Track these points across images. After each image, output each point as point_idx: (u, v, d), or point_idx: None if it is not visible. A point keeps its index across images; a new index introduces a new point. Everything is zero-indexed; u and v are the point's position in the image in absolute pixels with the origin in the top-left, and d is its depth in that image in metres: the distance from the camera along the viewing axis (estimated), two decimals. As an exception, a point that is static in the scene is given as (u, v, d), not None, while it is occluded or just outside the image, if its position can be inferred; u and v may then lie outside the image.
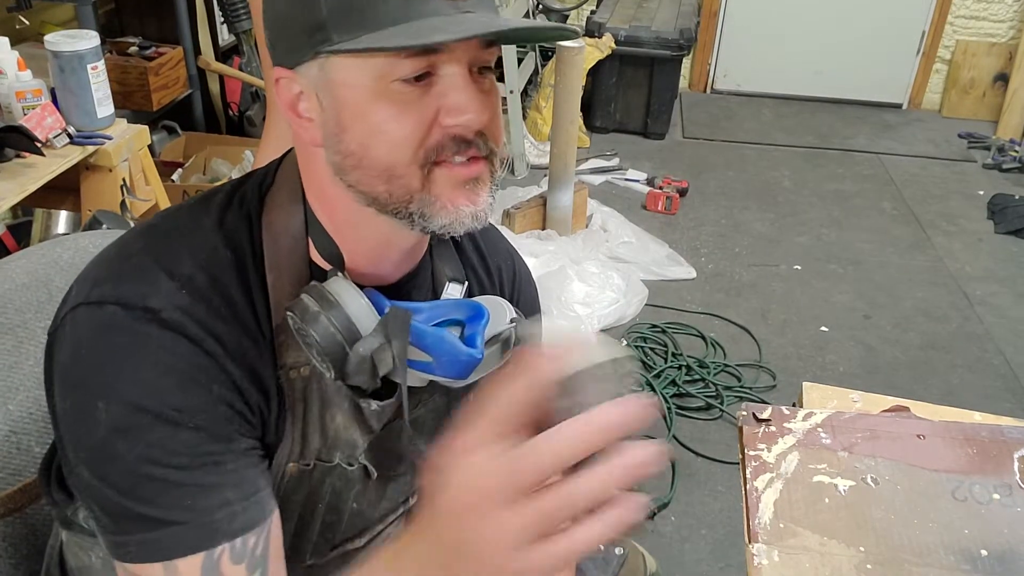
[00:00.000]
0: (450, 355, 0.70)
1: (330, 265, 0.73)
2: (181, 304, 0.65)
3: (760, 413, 0.95)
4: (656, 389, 2.33)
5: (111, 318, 0.65)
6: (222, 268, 0.69)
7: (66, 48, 1.88)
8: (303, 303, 0.68)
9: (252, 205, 0.73)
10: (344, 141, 0.66)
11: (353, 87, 0.64)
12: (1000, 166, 3.93)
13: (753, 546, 0.80)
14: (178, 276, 0.67)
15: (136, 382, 0.63)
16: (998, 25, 4.40)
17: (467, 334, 0.73)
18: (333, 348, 0.67)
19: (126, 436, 0.63)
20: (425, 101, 0.64)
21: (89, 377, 0.64)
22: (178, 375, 0.64)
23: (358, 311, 0.68)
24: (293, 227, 0.72)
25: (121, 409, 0.63)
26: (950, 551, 0.80)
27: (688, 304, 2.78)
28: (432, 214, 0.67)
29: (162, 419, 0.63)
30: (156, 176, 2.18)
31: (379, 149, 0.65)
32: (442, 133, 0.65)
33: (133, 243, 0.71)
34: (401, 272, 0.78)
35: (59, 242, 0.94)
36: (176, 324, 0.65)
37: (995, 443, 0.91)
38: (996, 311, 2.85)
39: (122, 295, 0.65)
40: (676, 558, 1.84)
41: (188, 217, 0.73)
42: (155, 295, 0.65)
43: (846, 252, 3.17)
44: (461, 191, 0.67)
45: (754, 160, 3.93)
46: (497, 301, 0.78)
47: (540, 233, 2.98)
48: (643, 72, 3.92)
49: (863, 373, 2.50)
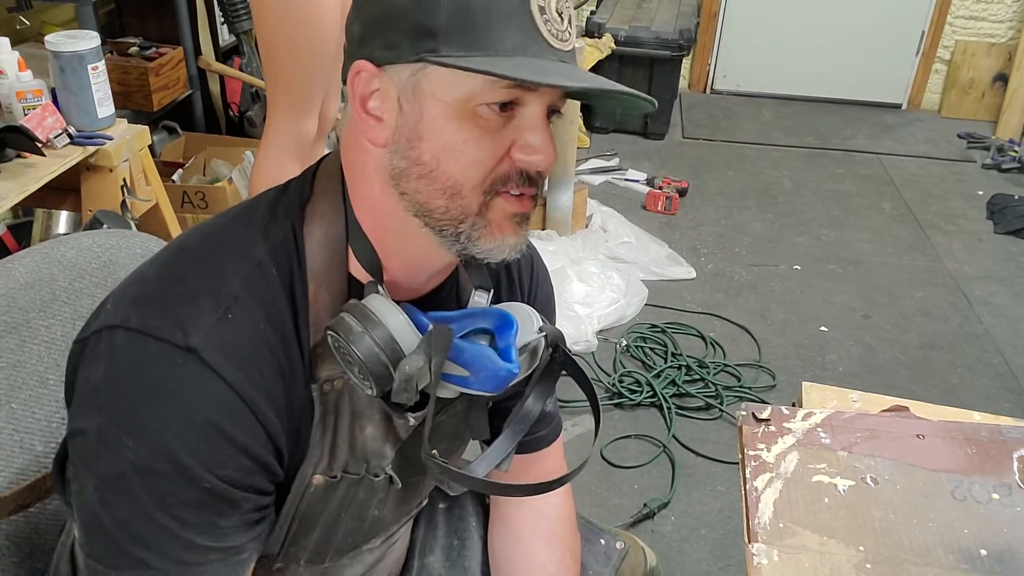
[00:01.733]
0: (489, 370, 0.70)
1: (368, 276, 0.72)
2: (224, 341, 0.65)
3: (760, 413, 0.95)
4: (656, 389, 2.33)
5: (151, 354, 0.64)
6: (268, 285, 0.68)
7: (66, 48, 1.88)
8: (345, 322, 0.67)
9: (294, 217, 0.72)
10: (418, 149, 0.66)
11: (441, 100, 0.64)
12: (999, 166, 3.93)
13: (753, 546, 0.80)
14: (224, 299, 0.66)
15: (166, 429, 0.63)
16: (997, 25, 4.40)
17: (500, 346, 0.72)
18: (377, 368, 0.67)
19: (145, 479, 0.63)
20: (504, 132, 0.66)
21: (121, 410, 0.64)
22: (209, 427, 0.64)
23: (400, 329, 0.68)
24: (334, 237, 0.72)
25: (147, 453, 0.63)
26: (949, 551, 0.80)
27: (688, 304, 2.78)
28: (479, 238, 0.68)
29: (182, 471, 0.63)
30: (156, 176, 2.18)
31: (452, 165, 0.65)
32: (510, 165, 0.66)
33: (175, 261, 0.70)
34: (434, 284, 0.78)
35: (62, 241, 0.94)
36: (217, 366, 0.64)
37: (994, 443, 0.92)
38: (996, 311, 2.85)
39: (164, 329, 0.64)
40: (676, 558, 1.85)
41: (231, 232, 0.72)
42: (197, 330, 0.64)
43: (846, 252, 3.18)
44: (510, 223, 0.69)
45: (754, 160, 3.94)
46: (523, 308, 0.78)
47: (540, 233, 2.98)
48: (643, 72, 3.92)
49: (863, 373, 2.50)
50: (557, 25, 0.65)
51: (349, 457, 0.75)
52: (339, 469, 0.75)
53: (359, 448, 0.75)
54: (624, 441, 2.18)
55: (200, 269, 0.68)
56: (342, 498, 0.77)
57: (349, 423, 0.74)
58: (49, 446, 0.87)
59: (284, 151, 1.85)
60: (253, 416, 0.65)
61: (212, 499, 0.65)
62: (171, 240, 0.76)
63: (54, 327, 0.90)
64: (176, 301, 0.66)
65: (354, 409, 0.73)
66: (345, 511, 0.79)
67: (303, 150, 1.87)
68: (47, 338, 0.89)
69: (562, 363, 0.78)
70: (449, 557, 1.02)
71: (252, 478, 0.67)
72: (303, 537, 0.79)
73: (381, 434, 0.76)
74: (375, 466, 0.77)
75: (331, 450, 0.74)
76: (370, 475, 0.77)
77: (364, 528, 0.84)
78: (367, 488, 0.79)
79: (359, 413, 0.74)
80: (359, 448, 0.75)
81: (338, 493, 0.77)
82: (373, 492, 0.80)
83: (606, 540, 1.07)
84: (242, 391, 0.65)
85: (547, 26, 0.64)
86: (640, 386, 2.36)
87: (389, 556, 0.95)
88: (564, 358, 0.78)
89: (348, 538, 0.83)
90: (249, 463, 0.66)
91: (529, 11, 0.63)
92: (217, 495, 0.65)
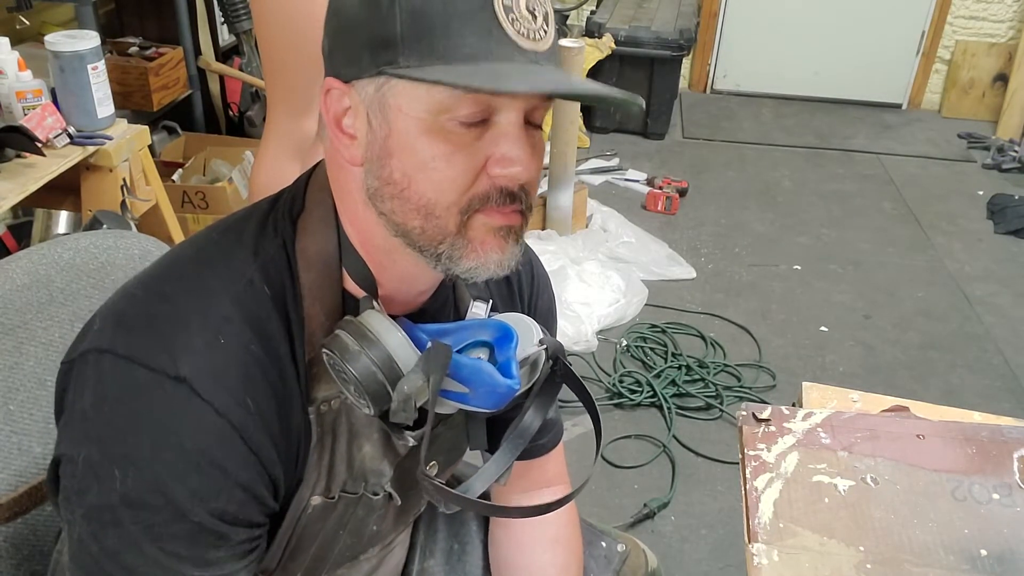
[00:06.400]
0: (488, 386, 0.67)
1: (362, 291, 0.70)
2: (214, 367, 0.63)
3: (760, 413, 0.95)
4: (656, 389, 2.33)
5: (139, 383, 0.62)
6: (260, 304, 0.66)
7: (66, 48, 1.88)
8: (341, 340, 0.65)
9: (286, 231, 0.70)
10: (388, 167, 0.63)
11: (408, 115, 0.61)
12: (1000, 166, 3.93)
13: (753, 546, 0.80)
14: (213, 321, 0.64)
15: (156, 460, 0.61)
16: (998, 25, 4.40)
17: (499, 360, 0.70)
18: (374, 387, 0.65)
19: (134, 511, 0.61)
20: (477, 146, 0.62)
21: (109, 439, 0.62)
22: (200, 457, 0.62)
23: (397, 347, 0.65)
24: (327, 252, 0.69)
25: (136, 484, 0.61)
26: (949, 551, 0.80)
27: (688, 304, 2.78)
28: (460, 256, 0.65)
29: (173, 505, 0.61)
30: (156, 176, 2.18)
31: (423, 185, 0.62)
32: (488, 183, 0.63)
33: (164, 279, 0.68)
34: (426, 297, 0.76)
35: (59, 242, 0.93)
36: (207, 395, 0.62)
37: (995, 443, 0.91)
38: (996, 311, 2.85)
39: (152, 356, 0.62)
40: (676, 558, 1.84)
41: (221, 248, 0.69)
42: (187, 356, 0.62)
43: (846, 252, 3.18)
44: (494, 237, 0.65)
45: (754, 160, 3.93)
46: (522, 319, 0.75)
47: (540, 233, 2.98)
48: (643, 72, 3.92)
49: (863, 373, 2.50)
50: (527, 24, 0.61)
51: (347, 477, 0.73)
52: (337, 490, 0.73)
53: (357, 467, 0.73)
54: (624, 441, 2.18)
55: (188, 288, 0.66)
56: (340, 516, 0.76)
57: (347, 443, 0.72)
58: (47, 448, 0.87)
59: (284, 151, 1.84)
60: (246, 445, 0.63)
61: (202, 532, 0.63)
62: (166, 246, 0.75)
63: (51, 329, 0.89)
64: (164, 324, 0.64)
65: (352, 428, 0.71)
66: (343, 528, 0.78)
67: (303, 150, 1.86)
68: (44, 340, 0.89)
69: (563, 376, 0.75)
70: (449, 561, 1.01)
71: (244, 510, 0.65)
72: (300, 554, 0.77)
73: (379, 452, 0.74)
74: (373, 484, 0.75)
75: (329, 471, 0.72)
76: (368, 493, 0.76)
77: (363, 543, 0.83)
78: (366, 506, 0.77)
79: (357, 432, 0.72)
80: (357, 467, 0.73)
81: (336, 512, 0.75)
82: (372, 510, 0.78)
83: (607, 543, 1.07)
84: (234, 419, 0.63)
85: (515, 25, 0.60)
86: (640, 386, 2.35)
87: (387, 562, 0.94)
88: (564, 371, 0.75)
89: (346, 552, 0.82)
90: (241, 495, 0.64)
91: (493, 11, 0.59)
92: (207, 528, 0.63)
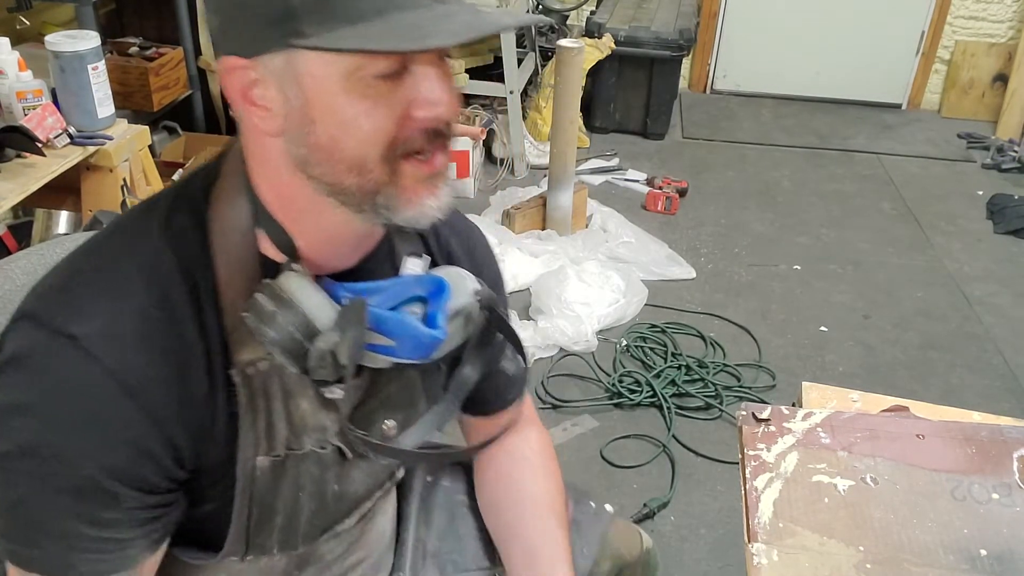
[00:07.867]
0: (412, 338, 0.70)
1: (283, 256, 0.71)
2: (110, 328, 0.65)
3: (760, 413, 0.95)
4: (656, 389, 2.33)
5: (39, 341, 0.65)
6: (164, 270, 0.68)
7: (67, 48, 1.89)
8: (258, 303, 0.67)
9: (198, 201, 0.71)
10: (313, 134, 0.64)
11: (323, 79, 0.62)
12: (999, 166, 3.92)
13: (752, 546, 0.80)
14: (115, 286, 0.67)
15: (46, 414, 0.64)
16: (997, 25, 4.40)
17: (428, 312, 0.72)
18: (292, 346, 0.67)
19: (29, 460, 0.65)
20: (397, 94, 0.63)
21: (8, 392, 0.65)
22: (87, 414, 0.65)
23: (314, 307, 0.68)
24: (241, 219, 0.70)
25: (29, 436, 0.65)
26: (949, 551, 0.80)
27: (688, 304, 2.78)
28: (397, 207, 0.67)
29: (61, 457, 0.64)
30: (157, 176, 2.18)
31: (349, 143, 0.64)
32: (413, 127, 0.64)
33: (84, 251, 0.71)
34: (359, 255, 0.77)
35: (59, 242, 0.94)
36: (97, 351, 0.65)
37: (994, 443, 0.92)
38: (995, 311, 2.85)
39: (53, 317, 0.65)
40: (676, 558, 1.84)
41: (136, 222, 0.72)
42: (82, 317, 0.65)
43: (846, 252, 3.18)
44: (426, 186, 0.67)
45: (754, 160, 3.93)
46: (458, 272, 0.77)
47: (540, 233, 2.98)
48: (643, 72, 3.91)
49: (863, 373, 2.50)
50: None
51: (289, 434, 0.75)
52: (281, 448, 0.75)
53: (298, 424, 0.75)
54: (624, 441, 2.18)
55: (98, 256, 0.70)
56: (295, 477, 0.77)
57: (283, 401, 0.74)
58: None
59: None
60: (134, 402, 0.65)
61: (94, 488, 0.65)
62: None
63: (53, 327, 0.89)
64: (73, 289, 0.68)
65: (285, 388, 0.73)
66: (302, 490, 0.79)
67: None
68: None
69: (496, 325, 0.78)
70: (440, 528, 1.02)
71: (135, 468, 0.67)
72: (266, 523, 0.78)
73: (317, 408, 0.76)
74: (318, 439, 0.77)
75: (268, 430, 0.74)
76: (316, 448, 0.77)
77: (330, 507, 0.83)
78: (317, 463, 0.78)
79: (291, 391, 0.74)
80: (298, 424, 0.75)
81: (288, 472, 0.77)
82: (325, 467, 0.79)
83: (595, 504, 1.08)
84: (121, 377, 0.65)
85: None
86: (640, 386, 2.35)
87: (370, 532, 0.94)
88: (499, 321, 0.78)
89: (314, 519, 0.82)
90: (129, 451, 0.66)
91: None
92: (100, 485, 0.65)
